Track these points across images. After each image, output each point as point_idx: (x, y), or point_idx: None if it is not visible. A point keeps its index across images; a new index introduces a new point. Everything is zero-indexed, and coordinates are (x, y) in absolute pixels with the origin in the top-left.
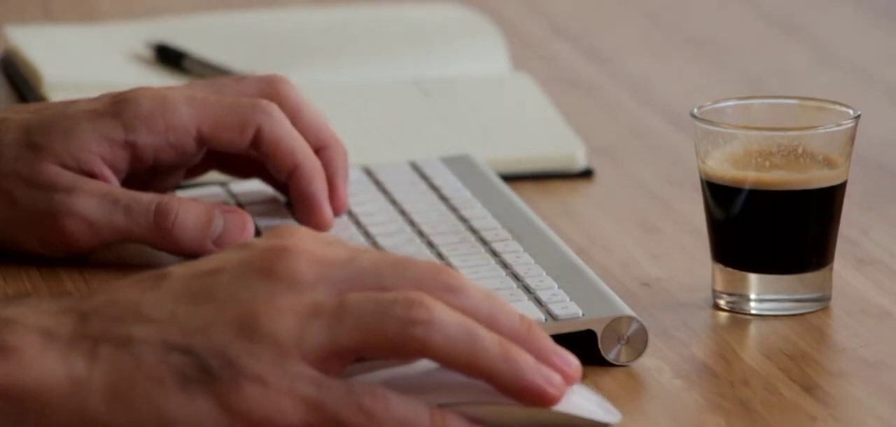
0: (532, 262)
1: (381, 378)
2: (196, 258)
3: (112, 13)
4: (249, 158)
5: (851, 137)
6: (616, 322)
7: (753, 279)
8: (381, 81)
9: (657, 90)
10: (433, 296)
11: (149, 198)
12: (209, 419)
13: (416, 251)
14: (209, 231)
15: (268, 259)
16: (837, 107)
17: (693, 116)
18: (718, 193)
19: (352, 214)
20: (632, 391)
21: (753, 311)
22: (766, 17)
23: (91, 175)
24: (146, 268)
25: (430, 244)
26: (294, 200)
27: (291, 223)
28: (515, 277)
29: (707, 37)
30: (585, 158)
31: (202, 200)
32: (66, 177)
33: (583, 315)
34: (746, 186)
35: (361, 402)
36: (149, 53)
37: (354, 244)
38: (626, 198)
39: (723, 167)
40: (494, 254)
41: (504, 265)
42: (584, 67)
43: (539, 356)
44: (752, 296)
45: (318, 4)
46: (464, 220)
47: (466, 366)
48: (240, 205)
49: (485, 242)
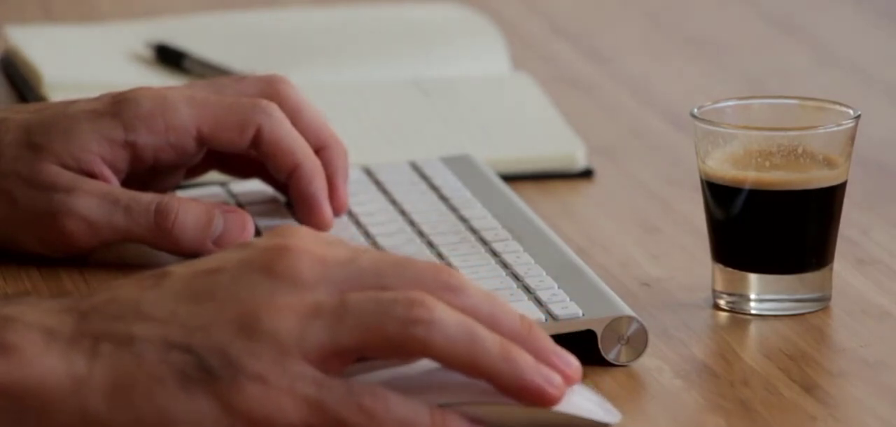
0: (532, 262)
1: (382, 378)
2: (196, 258)
3: (112, 13)
4: (249, 158)
5: (851, 137)
6: (616, 322)
7: (753, 279)
8: (381, 81)
9: (657, 90)
10: (434, 296)
11: (149, 198)
12: (209, 418)
13: (416, 251)
14: (209, 231)
15: (268, 258)
16: (837, 107)
17: (693, 116)
18: (718, 193)
19: (352, 214)
20: (632, 391)
21: (753, 311)
22: (766, 17)
23: (91, 175)
24: (146, 268)
25: (430, 244)
26: (294, 200)
27: (292, 223)
28: (515, 277)
29: (707, 37)
30: (585, 158)
31: (202, 200)
32: (66, 177)
33: (583, 315)
34: (746, 186)
35: (362, 402)
36: (149, 53)
37: (355, 244)
38: (626, 198)
39: (723, 167)
40: (494, 254)
41: (504, 265)
42: (584, 67)
43: (539, 356)
44: (752, 296)
45: (318, 4)
46: (464, 220)
47: (467, 366)
48: (240, 205)
49: (485, 242)
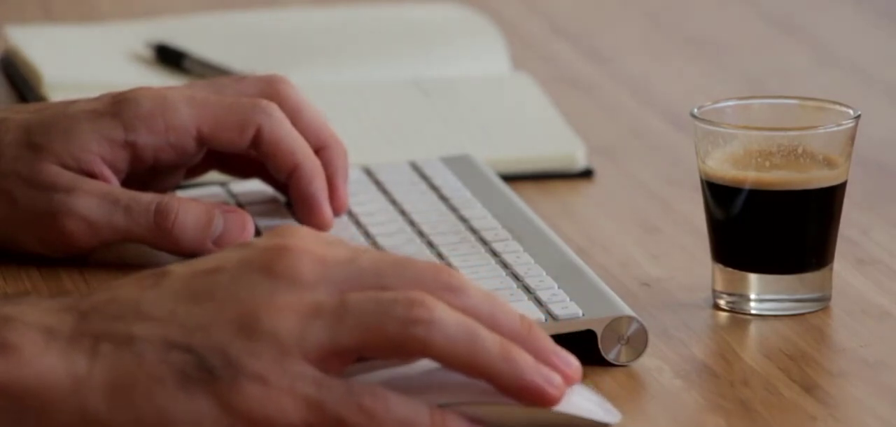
0: (532, 262)
1: (382, 378)
2: (196, 258)
3: (112, 13)
4: (249, 158)
5: (851, 137)
6: (616, 322)
7: (753, 279)
8: (381, 81)
9: (657, 90)
10: (434, 296)
11: (149, 198)
12: (209, 418)
13: (416, 251)
14: (209, 231)
15: (269, 258)
16: (837, 107)
17: (693, 116)
18: (718, 193)
19: (352, 214)
20: (632, 391)
21: (753, 311)
22: (766, 17)
23: (91, 175)
24: (146, 268)
25: (430, 244)
26: (294, 200)
27: (292, 223)
28: (515, 277)
29: (707, 37)
30: (585, 158)
31: (202, 200)
32: (66, 177)
33: (583, 315)
34: (746, 186)
35: (362, 402)
36: (149, 53)
37: (355, 244)
38: (626, 198)
39: (723, 167)
40: (494, 254)
41: (504, 265)
42: (584, 67)
43: (539, 356)
44: (752, 296)
45: (318, 4)
46: (464, 220)
47: (467, 365)
48: (240, 205)
49: (485, 242)
